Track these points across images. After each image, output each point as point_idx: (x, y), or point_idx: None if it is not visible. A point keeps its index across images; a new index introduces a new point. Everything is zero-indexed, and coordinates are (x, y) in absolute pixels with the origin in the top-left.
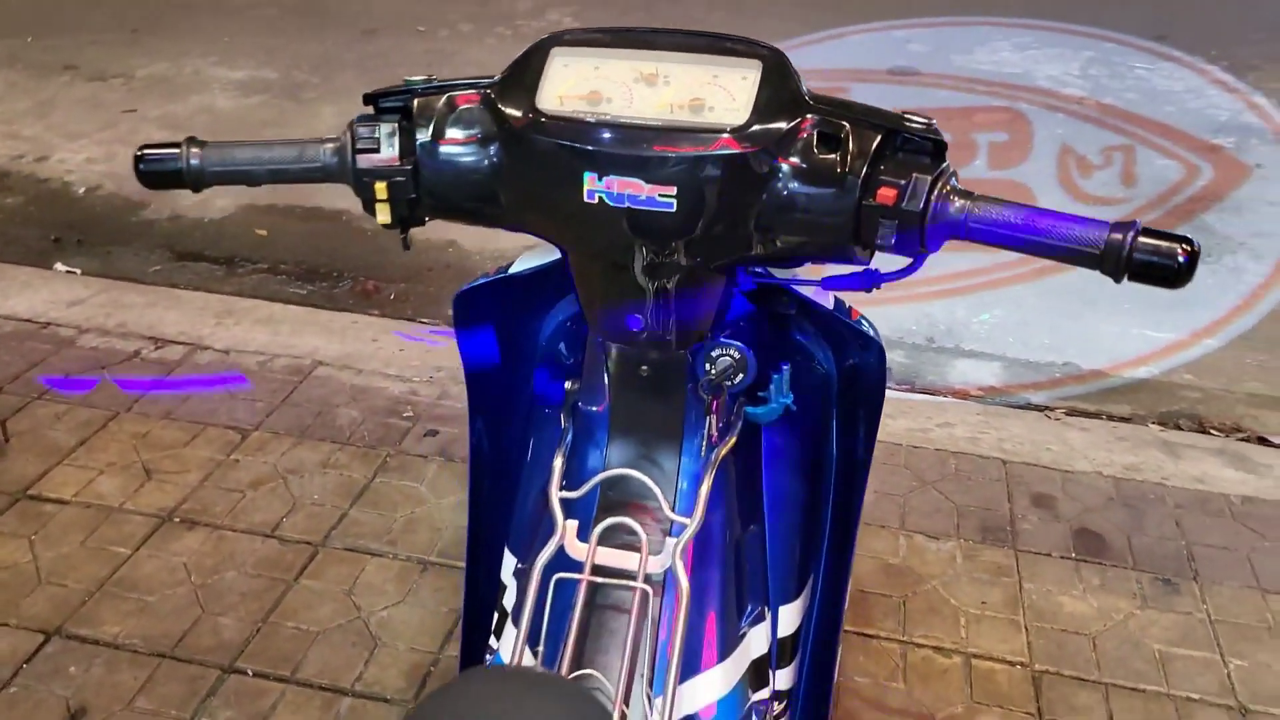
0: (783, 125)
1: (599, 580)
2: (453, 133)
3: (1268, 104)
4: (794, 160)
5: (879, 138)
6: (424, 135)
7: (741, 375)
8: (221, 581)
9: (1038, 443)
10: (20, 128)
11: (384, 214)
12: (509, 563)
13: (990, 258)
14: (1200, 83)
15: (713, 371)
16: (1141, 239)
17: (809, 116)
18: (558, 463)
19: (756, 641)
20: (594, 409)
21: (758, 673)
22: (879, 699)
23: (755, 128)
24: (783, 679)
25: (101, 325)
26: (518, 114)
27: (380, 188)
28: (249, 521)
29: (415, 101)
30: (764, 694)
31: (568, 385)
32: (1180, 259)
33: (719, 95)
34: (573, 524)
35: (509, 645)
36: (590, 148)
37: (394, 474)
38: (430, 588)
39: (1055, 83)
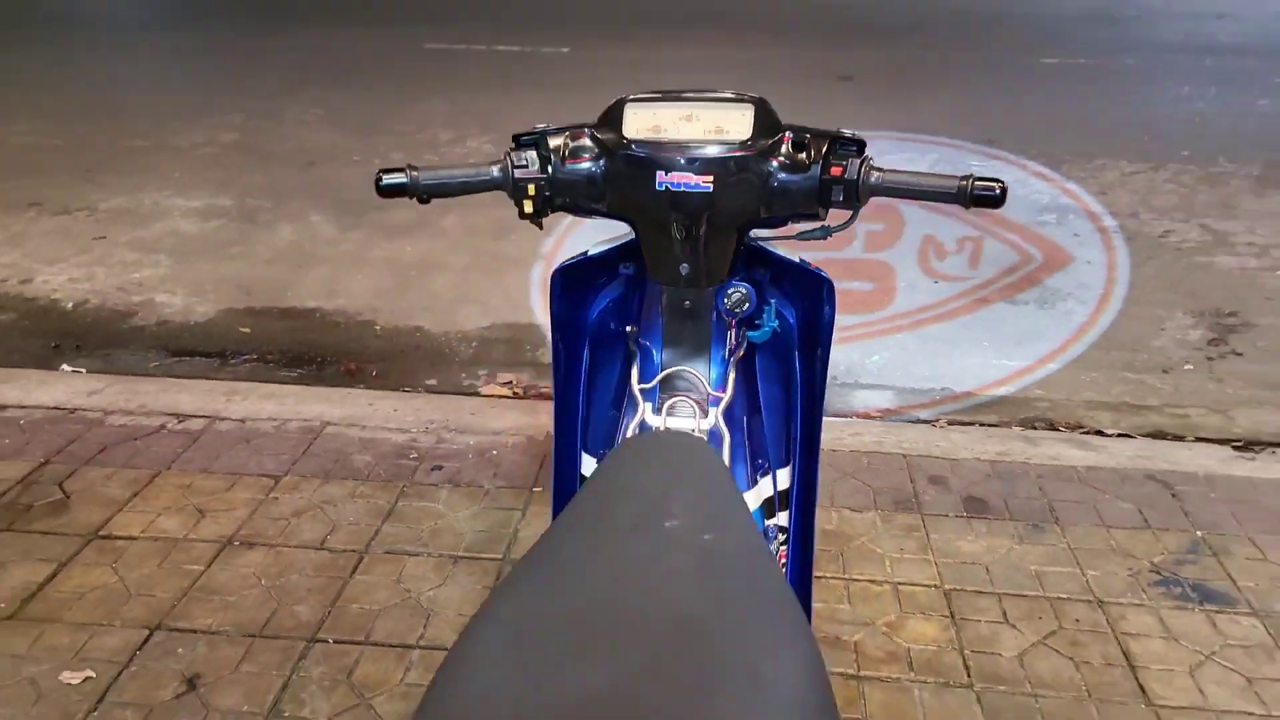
0: (771, 140)
1: None
2: (574, 155)
3: (1078, 188)
4: (780, 158)
5: (828, 141)
6: (556, 158)
7: (747, 304)
8: (288, 582)
9: (929, 442)
10: None
11: (529, 206)
12: (588, 463)
13: (875, 314)
14: (1025, 175)
15: (729, 303)
16: (978, 182)
17: (786, 133)
18: (634, 369)
19: (765, 486)
20: (647, 341)
21: (768, 506)
22: (832, 615)
23: (755, 141)
24: (782, 519)
25: (124, 408)
26: (614, 141)
27: (530, 189)
28: (299, 540)
29: (547, 138)
30: (772, 522)
31: (629, 329)
32: (999, 190)
33: (731, 124)
34: (648, 404)
35: None
36: (661, 155)
37: (413, 499)
38: (465, 573)
39: None
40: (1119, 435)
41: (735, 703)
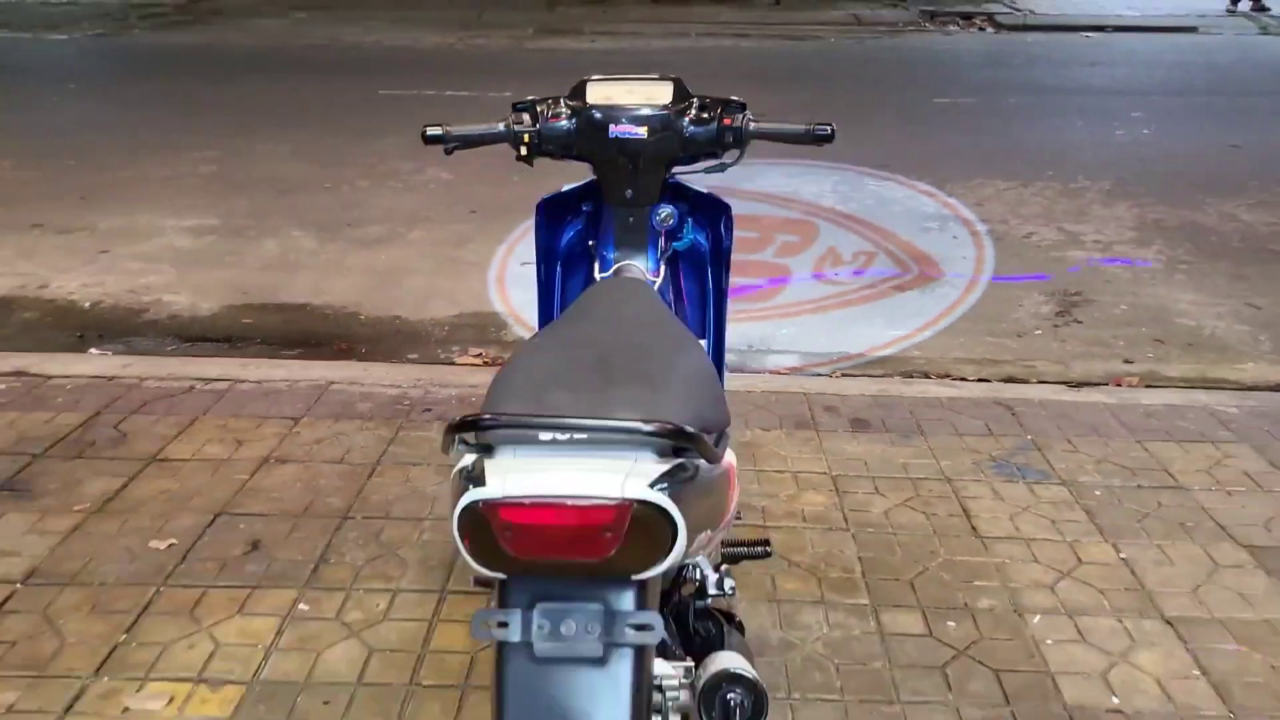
0: (685, 104)
1: None
2: (554, 115)
3: (957, 202)
4: (691, 115)
5: (722, 104)
6: (542, 118)
7: (672, 219)
8: (320, 484)
9: (825, 385)
10: (13, 267)
11: (523, 150)
12: None
13: (784, 298)
14: (913, 193)
15: (660, 217)
16: (817, 126)
17: (695, 99)
18: (596, 266)
19: None
20: (604, 249)
21: None
22: (744, 494)
23: (673, 105)
24: None
25: (155, 375)
26: (580, 106)
27: (525, 138)
28: (323, 457)
29: (535, 105)
30: None
31: (590, 243)
32: (830, 130)
33: (658, 94)
34: None
35: None
36: (612, 114)
37: (411, 430)
38: None
39: (816, 196)
40: (978, 380)
41: (670, 346)
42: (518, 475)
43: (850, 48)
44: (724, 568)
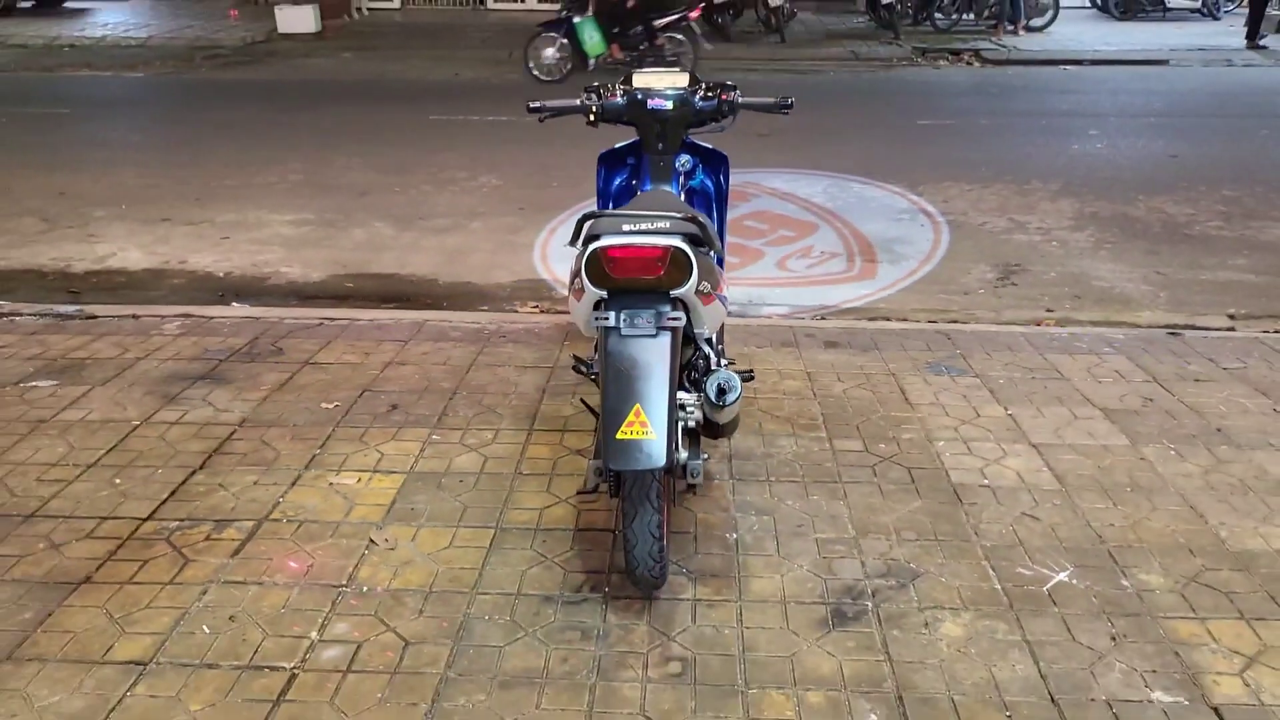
0: (696, 86)
1: None
2: (612, 94)
3: (925, 200)
4: (700, 93)
5: (721, 85)
6: (606, 96)
7: (689, 164)
8: (432, 375)
9: (808, 323)
10: (154, 248)
11: (591, 117)
12: None
13: (774, 275)
14: (890, 194)
15: (680, 163)
16: (782, 100)
17: (703, 82)
18: (640, 193)
19: None
20: (643, 185)
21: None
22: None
23: (689, 87)
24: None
25: (292, 316)
26: (629, 88)
27: (593, 109)
28: (431, 361)
29: (600, 88)
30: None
31: (634, 182)
32: (791, 102)
33: (679, 80)
34: None
35: None
36: (649, 93)
37: (493, 348)
38: (533, 374)
39: (809, 195)
40: (928, 321)
41: (687, 209)
42: (616, 238)
43: (848, 80)
44: (720, 348)
